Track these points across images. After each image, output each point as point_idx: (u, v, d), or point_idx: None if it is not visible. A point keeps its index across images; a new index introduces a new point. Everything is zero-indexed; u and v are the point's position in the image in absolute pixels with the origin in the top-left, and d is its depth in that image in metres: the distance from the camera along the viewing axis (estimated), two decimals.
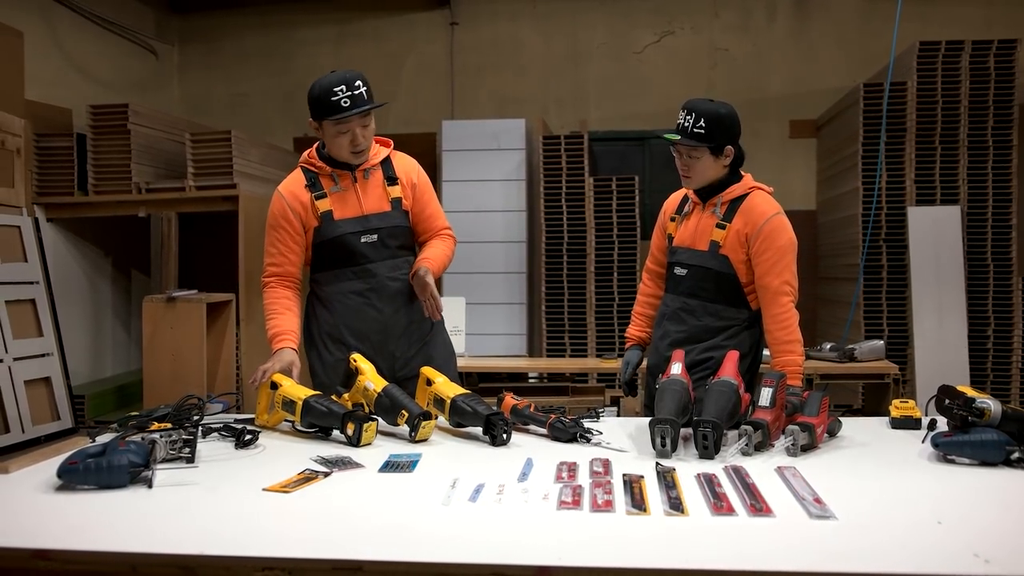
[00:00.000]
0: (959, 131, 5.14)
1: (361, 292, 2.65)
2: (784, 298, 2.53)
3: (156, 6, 6.93)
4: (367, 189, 2.66)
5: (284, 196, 2.65)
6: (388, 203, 2.67)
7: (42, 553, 1.38)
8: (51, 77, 5.55)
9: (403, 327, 2.69)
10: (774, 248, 2.52)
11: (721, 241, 2.55)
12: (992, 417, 1.94)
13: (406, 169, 2.73)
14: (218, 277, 5.14)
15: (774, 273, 2.52)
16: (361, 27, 7.02)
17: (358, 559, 1.32)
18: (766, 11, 6.55)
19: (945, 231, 5.04)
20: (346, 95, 2.50)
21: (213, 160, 5.06)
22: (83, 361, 5.48)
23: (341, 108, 2.50)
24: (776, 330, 2.55)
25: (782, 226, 2.55)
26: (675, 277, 2.67)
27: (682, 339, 2.60)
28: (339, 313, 2.67)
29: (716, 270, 2.57)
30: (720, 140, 2.50)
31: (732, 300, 2.59)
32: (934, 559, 1.30)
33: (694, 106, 2.52)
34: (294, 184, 2.67)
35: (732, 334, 2.59)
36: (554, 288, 5.78)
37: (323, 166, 2.65)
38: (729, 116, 2.53)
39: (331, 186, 2.64)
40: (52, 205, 5.23)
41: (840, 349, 4.07)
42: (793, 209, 6.43)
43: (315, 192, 2.63)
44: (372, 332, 2.66)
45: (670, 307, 2.68)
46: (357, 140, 2.56)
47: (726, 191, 2.57)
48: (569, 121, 6.72)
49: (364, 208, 2.64)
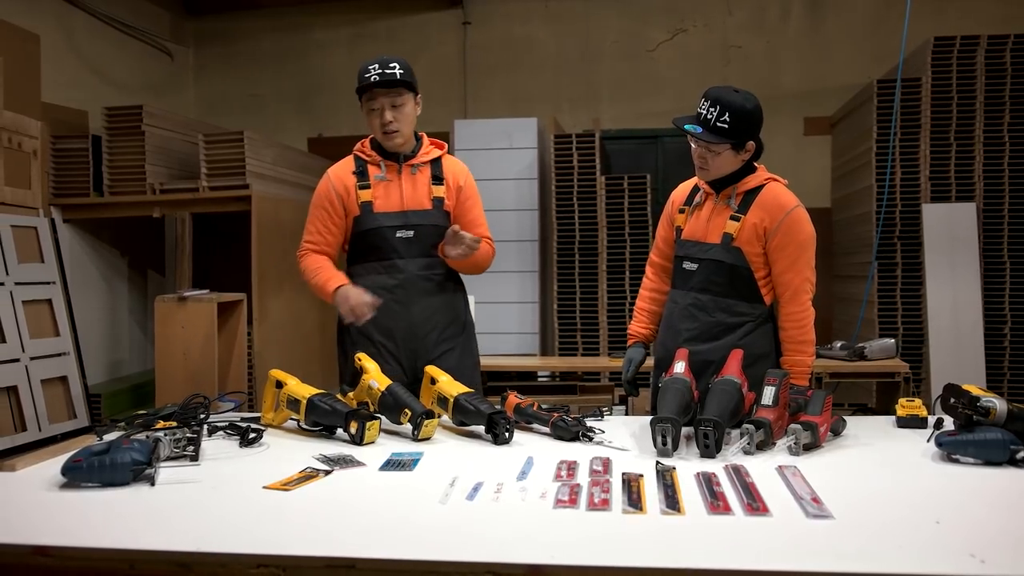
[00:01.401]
0: (975, 127, 5.08)
1: (390, 288, 2.65)
2: (804, 296, 2.44)
3: (171, 9, 6.99)
4: (412, 185, 2.69)
5: (331, 178, 2.74)
6: (430, 201, 2.68)
7: (42, 549, 1.40)
8: (68, 80, 5.61)
9: (429, 327, 2.69)
10: (795, 243, 2.41)
11: (735, 233, 2.43)
12: (998, 416, 1.91)
13: (455, 172, 2.76)
14: (233, 277, 5.17)
15: (795, 270, 2.42)
16: (375, 28, 7.04)
17: (352, 557, 1.33)
18: (780, 8, 6.51)
19: (961, 228, 4.98)
20: (376, 72, 2.59)
21: (226, 161, 5.09)
22: (100, 360, 5.55)
23: (369, 83, 2.59)
24: (791, 328, 2.46)
25: (803, 219, 2.43)
26: (684, 272, 2.54)
27: (694, 336, 2.48)
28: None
29: (729, 264, 2.44)
30: (743, 136, 2.37)
31: (746, 295, 2.47)
32: (930, 559, 1.30)
33: (719, 97, 2.35)
34: (343, 168, 2.74)
35: (747, 331, 2.48)
36: (566, 287, 5.78)
37: (373, 155, 2.70)
38: (755, 111, 2.39)
39: (377, 173, 2.68)
40: (69, 206, 5.29)
41: (850, 348, 4.03)
42: (808, 207, 6.44)
43: (360, 181, 2.68)
44: (398, 329, 2.66)
45: (680, 303, 2.55)
46: (386, 118, 2.61)
47: (741, 182, 2.45)
48: (582, 120, 6.71)
49: (405, 203, 2.67)
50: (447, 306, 2.74)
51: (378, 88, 2.60)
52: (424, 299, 2.68)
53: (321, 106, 7.09)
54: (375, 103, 2.61)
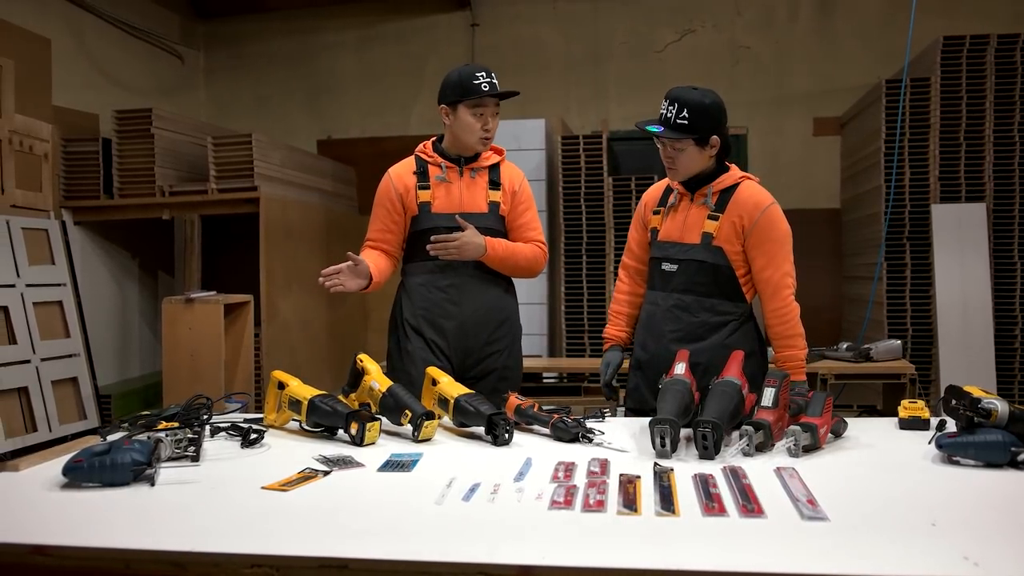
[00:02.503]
0: (984, 126, 5.05)
1: (443, 287, 2.75)
2: (785, 291, 2.48)
3: (181, 12, 7.03)
4: (470, 188, 2.76)
5: (391, 177, 2.80)
6: (486, 204, 2.76)
7: (40, 549, 1.42)
8: (79, 83, 5.66)
9: (480, 327, 2.76)
10: (772, 239, 2.45)
11: (714, 232, 2.46)
12: (999, 417, 1.89)
13: (511, 177, 2.84)
14: (243, 278, 5.20)
15: (774, 265, 2.46)
16: (383, 30, 7.07)
17: (344, 557, 1.34)
18: (789, 8, 6.49)
19: (970, 229, 4.95)
20: (486, 80, 2.68)
21: (234, 163, 5.12)
22: (111, 361, 5.59)
23: (482, 91, 2.67)
24: (777, 325, 2.49)
25: (779, 216, 2.48)
26: (664, 273, 2.55)
27: (679, 338, 2.50)
28: (420, 304, 2.77)
29: (711, 263, 2.47)
30: (704, 131, 2.41)
31: (729, 294, 2.50)
32: (922, 561, 1.29)
33: (677, 95, 2.42)
34: (404, 168, 2.82)
35: (732, 330, 2.50)
36: (573, 288, 5.78)
37: (435, 156, 2.77)
38: (714, 105, 2.43)
39: (437, 174, 2.75)
40: (79, 208, 5.33)
41: (856, 349, 4.01)
42: (817, 207, 6.48)
43: (420, 182, 2.75)
44: (449, 327, 2.75)
45: (661, 305, 2.55)
46: (488, 124, 2.70)
47: (716, 181, 2.49)
48: (591, 121, 6.72)
49: (463, 205, 2.74)
50: (498, 308, 2.82)
51: (489, 97, 2.69)
52: (477, 299, 2.77)
53: (330, 108, 7.12)
54: (483, 109, 2.70)
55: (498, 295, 2.82)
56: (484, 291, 2.77)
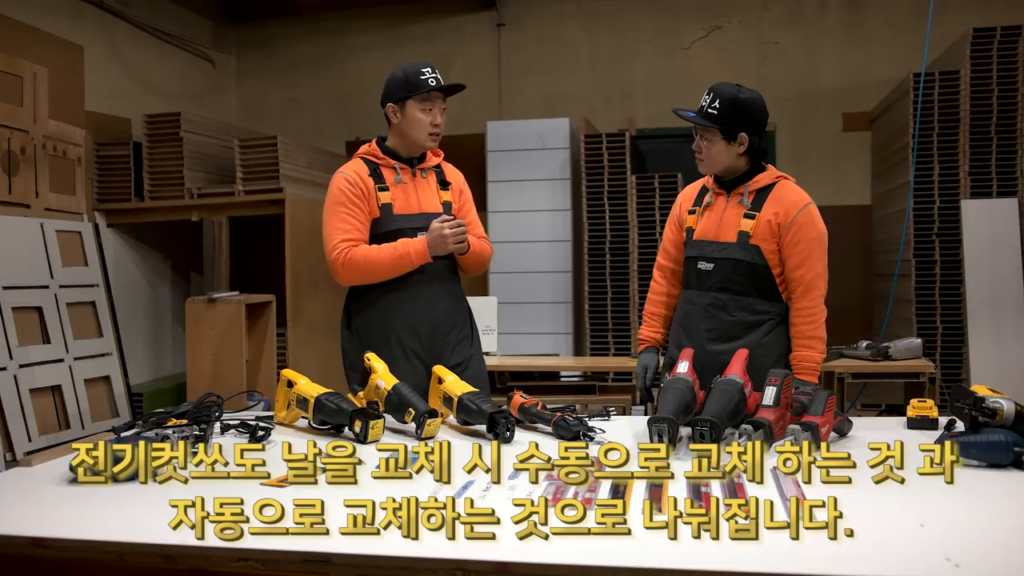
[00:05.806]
0: (1016, 121, 4.94)
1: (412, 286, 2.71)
2: (816, 292, 2.46)
3: (213, 17, 7.16)
4: (424, 189, 2.76)
5: (348, 174, 2.70)
6: (440, 204, 2.75)
7: (40, 541, 1.47)
8: (112, 89, 5.79)
9: (449, 327, 2.76)
10: (808, 239, 2.44)
11: (751, 231, 2.44)
12: (1005, 417, 1.87)
13: (456, 178, 2.86)
14: (271, 279, 5.29)
15: (807, 265, 2.45)
16: (410, 31, 7.12)
17: (327, 552, 1.36)
18: (817, 2, 6.40)
19: (1002, 225, 4.84)
20: (432, 76, 2.68)
21: (261, 165, 5.21)
22: (143, 360, 5.72)
23: (430, 85, 2.66)
24: (801, 323, 2.47)
25: (816, 216, 2.47)
26: (700, 272, 2.54)
27: (714, 337, 2.49)
28: (390, 308, 2.71)
29: (748, 261, 2.46)
30: (732, 125, 2.41)
31: (765, 293, 2.48)
32: (903, 563, 1.28)
33: (715, 87, 2.47)
34: (358, 168, 2.73)
35: (768, 329, 2.49)
36: (597, 287, 5.77)
37: (386, 158, 2.74)
38: (748, 102, 2.44)
39: (393, 177, 2.72)
40: (112, 211, 5.46)
41: (875, 347, 3.95)
42: (847, 204, 6.38)
43: (378, 183, 2.70)
44: (423, 330, 2.72)
45: (697, 304, 2.54)
46: (437, 119, 2.70)
47: (752, 180, 2.49)
48: (617, 119, 6.69)
49: (421, 206, 2.73)
50: (461, 307, 2.83)
51: (436, 92, 2.68)
52: (442, 301, 2.75)
53: (358, 110, 7.18)
54: (430, 104, 2.68)
55: (459, 295, 2.84)
56: (450, 291, 2.78)
